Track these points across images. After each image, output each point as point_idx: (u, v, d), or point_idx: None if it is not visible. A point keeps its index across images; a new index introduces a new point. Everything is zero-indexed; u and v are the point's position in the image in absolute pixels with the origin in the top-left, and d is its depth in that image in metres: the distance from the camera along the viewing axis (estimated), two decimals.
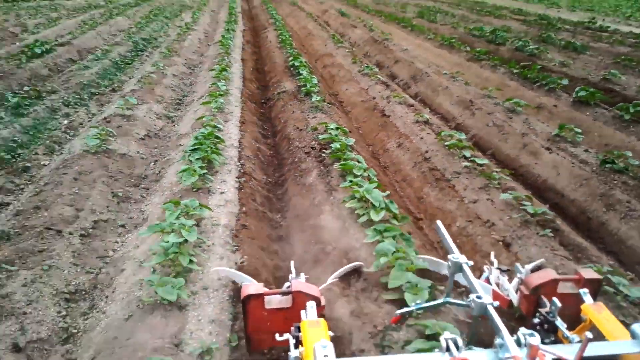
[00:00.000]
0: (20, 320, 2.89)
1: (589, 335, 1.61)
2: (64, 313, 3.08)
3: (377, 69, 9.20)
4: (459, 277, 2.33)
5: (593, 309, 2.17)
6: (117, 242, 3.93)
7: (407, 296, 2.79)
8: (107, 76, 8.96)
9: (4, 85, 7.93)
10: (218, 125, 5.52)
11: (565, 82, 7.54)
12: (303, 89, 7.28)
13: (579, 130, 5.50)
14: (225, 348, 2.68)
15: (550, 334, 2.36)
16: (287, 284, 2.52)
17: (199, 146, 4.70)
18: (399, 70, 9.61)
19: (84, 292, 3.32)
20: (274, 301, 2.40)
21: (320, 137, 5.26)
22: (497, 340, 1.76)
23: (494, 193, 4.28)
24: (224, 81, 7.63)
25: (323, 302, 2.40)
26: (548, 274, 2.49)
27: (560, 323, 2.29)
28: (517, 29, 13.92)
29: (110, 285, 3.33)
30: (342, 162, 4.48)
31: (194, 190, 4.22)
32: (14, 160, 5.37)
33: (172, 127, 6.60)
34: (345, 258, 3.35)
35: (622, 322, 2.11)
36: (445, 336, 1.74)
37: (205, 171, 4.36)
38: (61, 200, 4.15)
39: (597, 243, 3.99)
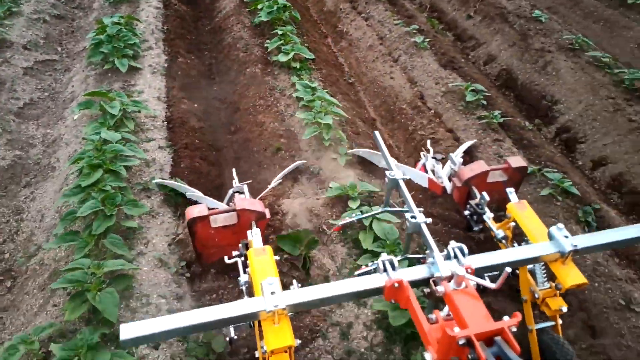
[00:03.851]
0: None
1: (508, 270, 1.65)
2: None
3: None
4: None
5: (517, 208, 2.31)
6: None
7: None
8: None
9: None
10: None
11: None
12: None
13: None
14: None
15: (479, 223, 2.58)
16: (229, 191, 2.65)
17: None
18: None
19: None
20: (220, 219, 2.43)
21: None
22: (430, 260, 1.82)
23: None
24: None
25: (268, 215, 2.48)
26: (479, 167, 2.65)
27: (487, 217, 2.48)
28: None
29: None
30: None
31: None
32: None
33: None
34: None
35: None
36: (382, 258, 1.80)
37: None
38: None
39: None
